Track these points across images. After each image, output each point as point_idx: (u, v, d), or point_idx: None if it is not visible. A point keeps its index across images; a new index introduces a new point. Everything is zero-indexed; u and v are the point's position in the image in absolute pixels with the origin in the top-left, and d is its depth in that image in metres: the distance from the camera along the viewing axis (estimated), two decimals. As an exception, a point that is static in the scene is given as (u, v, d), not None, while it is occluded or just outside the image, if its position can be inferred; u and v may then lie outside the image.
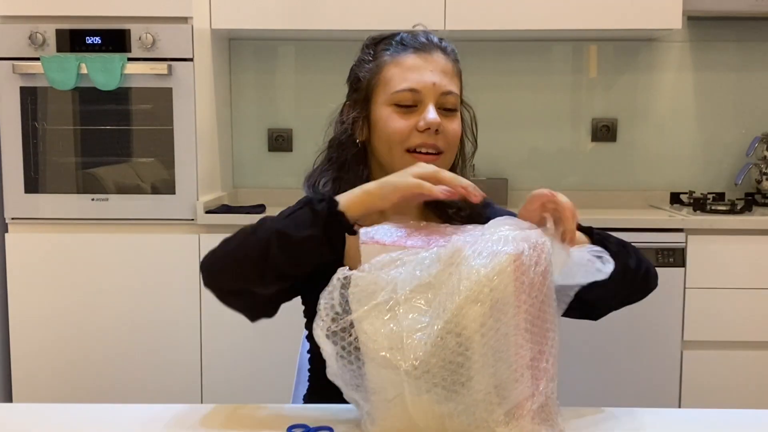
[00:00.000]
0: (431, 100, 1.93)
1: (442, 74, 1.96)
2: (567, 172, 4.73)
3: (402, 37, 2.02)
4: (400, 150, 1.95)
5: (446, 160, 1.97)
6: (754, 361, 3.95)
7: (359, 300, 1.48)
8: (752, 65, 4.66)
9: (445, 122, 1.93)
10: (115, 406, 1.75)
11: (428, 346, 1.43)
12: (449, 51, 2.03)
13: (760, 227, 3.91)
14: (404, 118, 1.94)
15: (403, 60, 1.97)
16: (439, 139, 1.93)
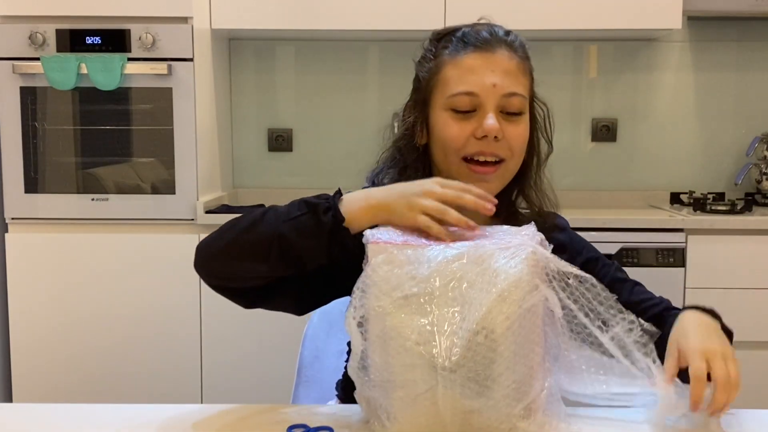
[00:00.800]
0: (492, 104, 1.80)
1: (505, 74, 1.82)
2: (567, 172, 4.72)
3: (464, 32, 1.88)
4: (457, 158, 1.83)
5: (508, 169, 1.86)
6: (754, 361, 3.95)
7: (387, 292, 1.47)
8: (752, 65, 4.66)
9: (507, 128, 1.81)
10: (115, 406, 1.75)
11: (463, 341, 1.43)
12: (517, 46, 1.89)
13: (760, 227, 3.91)
14: (461, 124, 1.82)
15: (462, 60, 1.84)
16: (499, 146, 1.81)
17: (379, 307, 1.46)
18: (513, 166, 1.86)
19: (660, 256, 3.89)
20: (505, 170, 1.84)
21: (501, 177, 1.85)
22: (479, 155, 1.81)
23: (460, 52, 1.84)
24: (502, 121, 1.80)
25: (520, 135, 1.83)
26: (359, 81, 4.63)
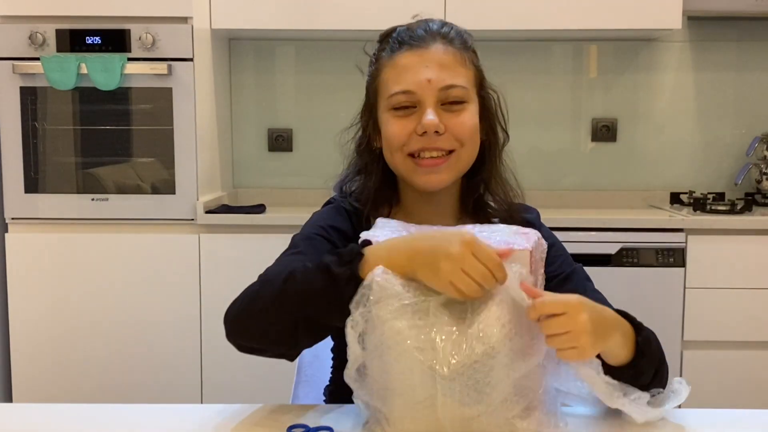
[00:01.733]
0: (430, 99, 1.80)
1: (440, 68, 1.82)
2: (567, 172, 4.73)
3: (399, 32, 1.89)
4: (402, 155, 1.85)
5: (461, 158, 1.86)
6: (754, 361, 3.96)
7: (385, 300, 1.47)
8: (752, 65, 4.67)
9: (449, 119, 1.82)
10: (115, 406, 1.75)
11: (461, 349, 1.43)
12: (452, 37, 1.88)
13: (760, 227, 3.92)
14: (403, 122, 1.83)
15: (396, 60, 1.85)
16: (443, 140, 1.82)
17: (378, 316, 1.46)
18: (465, 155, 1.87)
19: (660, 256, 3.90)
20: (457, 160, 1.86)
21: (453, 167, 1.87)
22: (423, 151, 1.83)
23: (395, 53, 1.86)
24: (443, 114, 1.82)
25: (463, 124, 1.83)
26: (359, 81, 4.62)
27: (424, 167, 1.84)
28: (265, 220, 3.90)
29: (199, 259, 3.89)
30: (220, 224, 3.91)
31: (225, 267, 3.88)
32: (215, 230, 3.91)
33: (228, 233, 3.91)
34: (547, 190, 4.65)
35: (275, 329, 1.61)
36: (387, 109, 1.86)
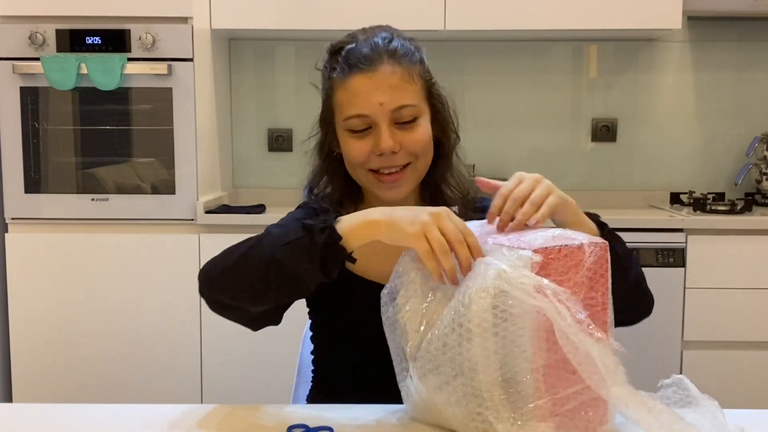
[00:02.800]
0: (383, 120, 1.88)
1: (390, 90, 1.88)
2: (567, 172, 4.74)
3: (347, 52, 1.93)
4: (363, 171, 1.95)
5: (417, 169, 1.96)
6: (754, 361, 3.96)
7: (406, 285, 1.56)
8: (752, 65, 4.67)
9: (403, 137, 1.90)
10: (115, 407, 1.76)
11: (435, 331, 1.48)
12: (400, 55, 1.92)
13: (760, 227, 3.92)
14: (360, 143, 1.92)
15: (349, 83, 1.91)
16: (399, 157, 1.91)
17: (401, 297, 1.55)
18: (421, 165, 1.96)
19: (660, 256, 3.90)
20: (413, 171, 1.95)
21: (411, 179, 1.96)
22: (382, 168, 1.93)
23: (346, 75, 1.92)
24: (397, 132, 1.90)
25: (418, 140, 1.91)
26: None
27: (385, 182, 1.94)
28: (265, 220, 3.84)
29: (199, 259, 3.88)
30: (220, 224, 3.91)
31: None
32: (215, 230, 3.91)
33: (228, 233, 3.88)
34: None
35: (247, 278, 1.67)
36: (344, 129, 1.95)
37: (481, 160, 4.50)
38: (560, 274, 1.47)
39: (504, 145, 4.71)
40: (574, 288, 1.47)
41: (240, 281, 1.68)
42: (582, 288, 1.48)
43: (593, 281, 1.49)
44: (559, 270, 1.48)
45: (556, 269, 1.48)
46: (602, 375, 1.42)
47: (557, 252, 1.48)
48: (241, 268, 1.67)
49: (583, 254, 1.49)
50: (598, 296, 1.50)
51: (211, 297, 1.73)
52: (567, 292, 1.43)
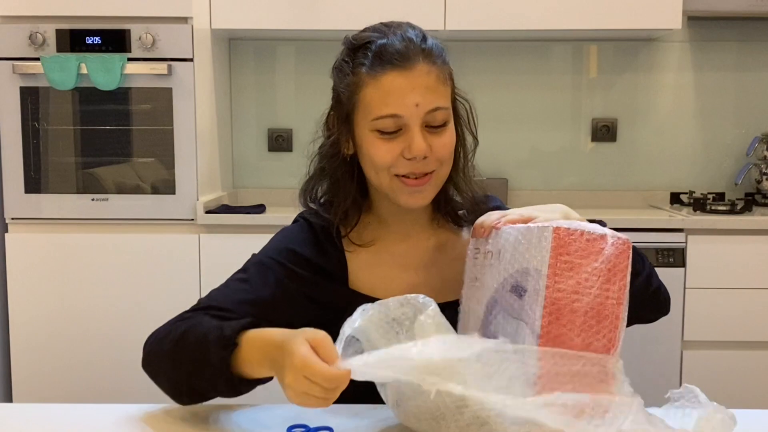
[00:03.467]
0: (416, 123, 1.78)
1: (426, 91, 1.79)
2: (567, 172, 4.75)
3: (379, 47, 1.81)
4: (388, 175, 1.83)
5: (440, 176, 1.87)
6: (754, 361, 3.97)
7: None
8: (752, 65, 4.68)
9: (433, 141, 1.80)
10: (115, 406, 1.75)
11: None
12: (435, 54, 1.85)
13: (760, 227, 3.93)
14: (389, 145, 1.80)
15: (381, 80, 1.78)
16: (428, 163, 1.81)
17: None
18: (444, 171, 1.88)
19: (660, 256, 3.91)
20: (437, 178, 1.86)
21: (435, 185, 1.87)
22: (410, 174, 1.82)
23: (378, 72, 1.80)
24: (428, 136, 1.80)
25: (446, 145, 1.84)
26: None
27: (410, 186, 1.83)
28: (265, 220, 3.90)
29: (199, 259, 3.90)
30: (220, 224, 3.91)
31: (225, 267, 3.83)
32: (215, 230, 3.92)
33: (228, 233, 3.91)
34: (547, 190, 4.66)
35: (167, 383, 1.71)
36: (371, 129, 1.82)
37: (481, 160, 4.47)
38: (579, 257, 1.47)
39: (504, 145, 4.72)
40: (591, 274, 1.46)
41: (162, 382, 1.72)
42: (599, 277, 1.46)
43: (612, 273, 1.47)
44: (578, 252, 1.48)
45: (575, 250, 1.48)
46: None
47: (579, 234, 1.49)
48: (162, 371, 1.72)
49: (605, 243, 1.48)
50: (614, 289, 1.47)
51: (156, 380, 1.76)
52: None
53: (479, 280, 1.71)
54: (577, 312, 1.46)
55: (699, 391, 1.54)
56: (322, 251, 1.91)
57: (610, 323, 1.46)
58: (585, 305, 1.45)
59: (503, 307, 1.59)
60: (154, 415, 1.71)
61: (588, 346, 1.46)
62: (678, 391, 1.56)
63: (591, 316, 1.46)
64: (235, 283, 1.85)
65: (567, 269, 1.47)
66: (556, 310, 1.46)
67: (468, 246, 1.79)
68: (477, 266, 1.74)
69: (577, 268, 1.47)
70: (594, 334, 1.46)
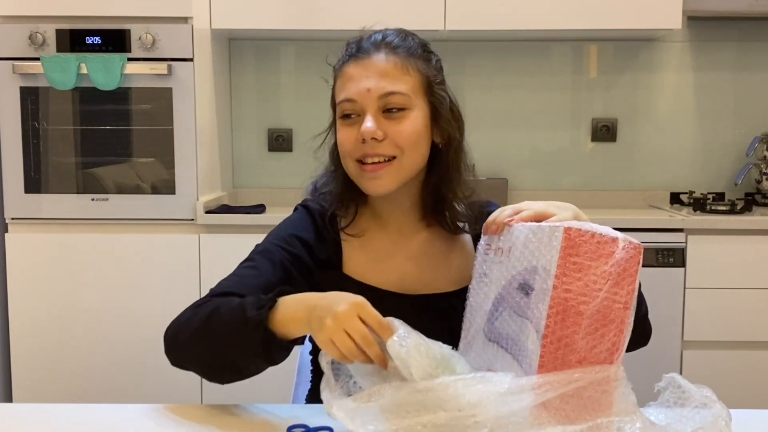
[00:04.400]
0: (371, 107, 1.88)
1: (380, 77, 1.89)
2: (567, 172, 4.77)
3: (348, 45, 1.97)
4: (351, 161, 1.93)
5: (402, 164, 1.91)
6: (754, 360, 3.98)
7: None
8: (752, 65, 4.69)
9: (389, 126, 1.88)
10: (115, 406, 1.76)
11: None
12: (396, 45, 1.93)
13: (760, 227, 3.94)
14: (349, 130, 1.91)
15: (345, 70, 1.94)
16: (383, 146, 1.88)
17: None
18: (407, 161, 1.91)
19: (660, 256, 3.92)
20: (399, 166, 1.90)
21: (394, 173, 1.91)
22: (366, 158, 1.90)
23: (344, 64, 1.95)
24: (383, 121, 1.88)
25: (403, 131, 1.88)
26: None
27: (367, 173, 1.90)
28: (265, 220, 3.91)
29: (199, 259, 3.91)
30: (220, 224, 3.92)
31: (225, 267, 3.84)
32: (215, 230, 3.93)
33: (228, 233, 3.92)
34: (547, 189, 4.68)
35: (200, 361, 1.73)
36: (338, 117, 1.95)
37: (481, 160, 4.49)
38: (589, 258, 1.47)
39: (504, 146, 4.73)
40: (600, 278, 1.45)
41: (194, 362, 1.74)
42: (608, 280, 1.45)
43: (621, 277, 1.46)
44: (588, 254, 1.47)
45: (585, 252, 1.48)
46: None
47: (590, 236, 1.48)
48: (194, 350, 1.73)
49: (616, 247, 1.47)
50: (623, 294, 1.46)
51: (173, 362, 1.78)
52: None
53: (488, 276, 1.72)
54: (583, 314, 1.45)
55: (680, 378, 1.57)
56: (321, 237, 1.99)
57: (615, 327, 1.45)
58: (592, 308, 1.45)
59: (509, 305, 1.59)
60: (153, 414, 1.71)
61: (592, 349, 1.46)
62: (662, 384, 1.59)
63: (597, 320, 1.45)
64: (244, 270, 1.89)
65: (576, 270, 1.47)
66: (562, 311, 1.46)
67: (479, 243, 1.82)
68: (487, 262, 1.75)
69: (586, 270, 1.47)
70: (599, 337, 1.45)
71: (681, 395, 1.55)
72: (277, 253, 1.90)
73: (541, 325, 1.47)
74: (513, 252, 1.64)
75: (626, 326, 1.47)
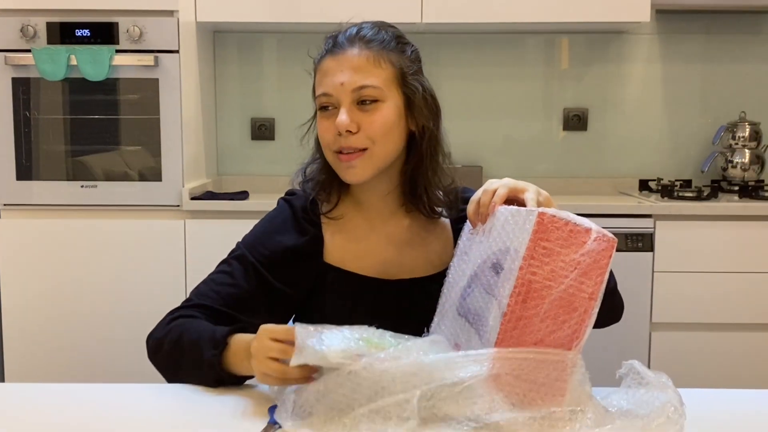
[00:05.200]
0: (345, 100, 1.93)
1: (353, 71, 1.93)
2: (539, 159, 4.83)
3: (326, 39, 2.02)
4: (330, 152, 1.98)
5: (375, 154, 1.96)
6: (719, 342, 4.04)
7: None
8: (718, 57, 4.75)
9: (362, 118, 1.93)
10: (104, 386, 1.79)
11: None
12: (370, 39, 1.98)
13: (725, 213, 4.00)
14: (326, 122, 1.96)
15: (321, 65, 1.99)
16: (357, 139, 1.93)
17: None
18: (379, 151, 1.96)
19: (629, 241, 3.98)
20: (372, 156, 1.95)
21: (368, 163, 1.96)
22: (342, 149, 1.95)
23: (321, 59, 2.00)
24: (357, 113, 1.94)
25: (374, 122, 1.93)
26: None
27: (343, 162, 1.96)
28: (248, 206, 3.97)
29: (184, 244, 3.96)
30: (204, 210, 3.97)
31: (209, 251, 3.86)
32: (200, 216, 3.98)
33: (212, 219, 3.97)
34: (520, 177, 4.65)
35: (169, 377, 1.87)
36: (318, 109, 2.01)
37: (456, 149, 4.51)
38: (559, 245, 1.48)
39: (479, 135, 4.77)
40: (569, 265, 1.47)
41: (168, 376, 1.88)
42: (575, 268, 1.47)
43: (590, 268, 1.47)
44: (559, 240, 1.49)
45: (556, 238, 1.49)
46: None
47: (563, 224, 1.50)
48: (166, 367, 1.89)
49: (588, 237, 1.48)
50: (590, 284, 1.47)
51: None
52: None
53: (467, 255, 1.76)
54: (545, 298, 1.47)
55: (639, 365, 1.59)
56: (301, 230, 2.05)
57: (578, 316, 1.47)
58: (555, 293, 1.46)
59: (481, 282, 1.62)
60: (140, 394, 1.76)
61: (551, 333, 1.47)
62: (623, 371, 1.60)
63: (560, 306, 1.47)
64: (220, 276, 2.01)
65: (545, 255, 1.48)
66: (525, 292, 1.47)
67: (465, 223, 1.86)
68: (469, 242, 1.79)
69: (555, 256, 1.48)
70: (560, 323, 1.47)
71: (640, 381, 1.56)
72: (252, 262, 2.00)
73: (503, 303, 1.49)
74: (492, 232, 1.66)
75: (589, 316, 1.48)
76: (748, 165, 4.58)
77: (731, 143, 4.61)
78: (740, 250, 4.02)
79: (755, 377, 4.04)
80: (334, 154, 1.98)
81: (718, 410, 1.69)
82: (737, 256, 4.03)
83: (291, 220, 2.07)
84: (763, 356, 4.06)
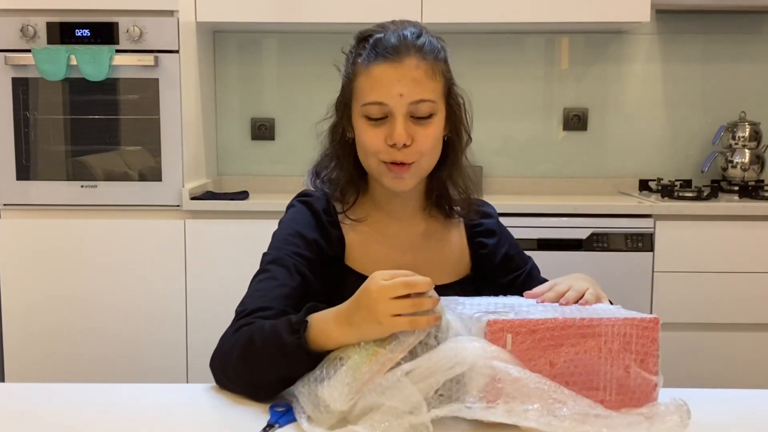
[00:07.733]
0: (400, 112, 1.89)
1: (413, 82, 1.89)
2: (539, 160, 4.82)
3: (375, 40, 1.93)
4: (375, 160, 1.94)
5: (421, 166, 1.96)
6: (720, 342, 4.05)
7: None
8: (718, 57, 4.76)
9: (417, 131, 1.90)
10: (103, 386, 1.79)
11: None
12: (426, 48, 1.94)
13: (725, 213, 4.01)
14: (375, 131, 1.91)
15: (372, 70, 1.91)
16: (409, 152, 1.90)
17: None
18: (425, 163, 1.97)
19: (629, 241, 3.98)
20: (419, 167, 1.95)
21: (415, 174, 1.96)
22: (393, 161, 1.92)
23: (371, 62, 1.92)
24: (411, 126, 1.91)
25: (428, 137, 1.92)
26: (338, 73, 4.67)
27: (393, 172, 1.94)
28: (248, 206, 3.97)
29: (184, 244, 3.96)
30: (204, 210, 3.98)
31: (209, 251, 3.96)
32: (200, 216, 3.99)
33: (212, 219, 3.97)
34: (520, 177, 4.73)
35: (246, 390, 1.72)
36: (361, 115, 1.94)
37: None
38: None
39: (479, 135, 4.64)
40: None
41: (243, 391, 1.73)
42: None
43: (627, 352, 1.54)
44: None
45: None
46: None
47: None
48: (240, 381, 1.73)
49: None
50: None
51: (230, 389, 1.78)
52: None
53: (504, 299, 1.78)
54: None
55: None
56: (324, 232, 2.01)
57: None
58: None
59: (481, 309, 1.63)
60: (140, 393, 1.77)
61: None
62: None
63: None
64: (264, 283, 1.90)
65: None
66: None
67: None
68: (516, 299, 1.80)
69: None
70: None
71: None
72: (289, 259, 1.92)
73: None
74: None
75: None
76: (748, 165, 4.57)
77: (731, 143, 4.61)
78: (740, 250, 4.02)
79: (755, 377, 4.04)
80: (381, 163, 1.95)
81: (718, 410, 1.68)
82: (737, 256, 4.02)
83: (314, 220, 2.03)
84: (763, 356, 4.06)
